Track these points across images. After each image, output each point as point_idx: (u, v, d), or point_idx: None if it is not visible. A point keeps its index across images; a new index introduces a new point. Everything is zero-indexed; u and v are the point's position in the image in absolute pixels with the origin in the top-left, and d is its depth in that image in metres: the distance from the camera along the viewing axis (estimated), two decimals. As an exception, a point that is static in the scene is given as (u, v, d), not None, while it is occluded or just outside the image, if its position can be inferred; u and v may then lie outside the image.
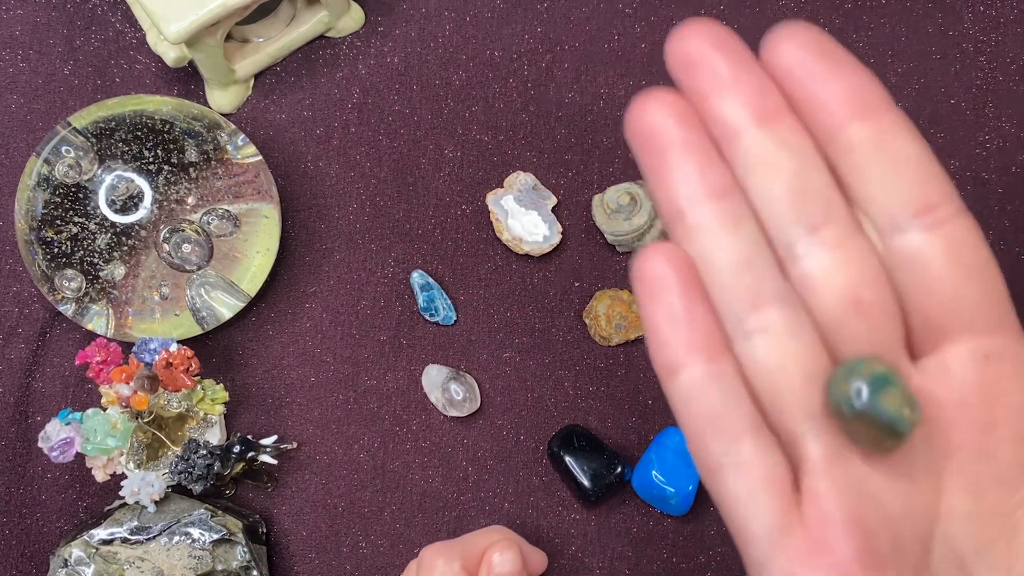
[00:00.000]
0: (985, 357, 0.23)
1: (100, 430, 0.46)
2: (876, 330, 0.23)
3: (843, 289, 0.22)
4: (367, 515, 0.51)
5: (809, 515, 0.22)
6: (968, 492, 0.23)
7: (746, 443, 0.22)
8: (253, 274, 0.50)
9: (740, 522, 0.22)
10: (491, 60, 0.55)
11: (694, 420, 0.22)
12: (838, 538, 0.21)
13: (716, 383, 0.22)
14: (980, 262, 0.23)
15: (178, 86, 0.54)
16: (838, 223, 0.23)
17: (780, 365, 0.22)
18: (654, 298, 0.22)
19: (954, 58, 0.54)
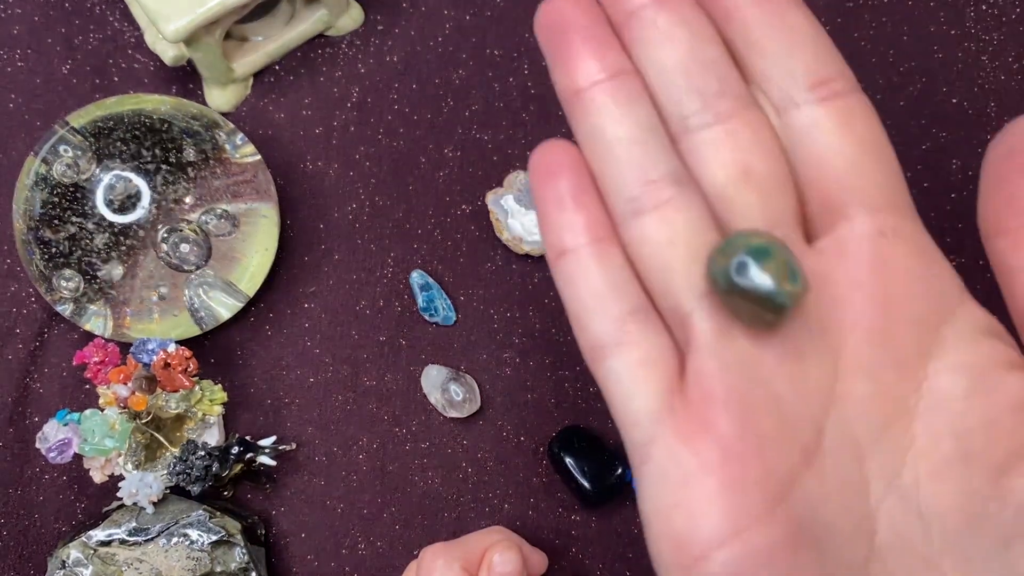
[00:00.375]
0: (880, 234, 0.22)
1: (98, 431, 0.45)
2: (767, 203, 0.22)
3: (733, 158, 0.22)
4: (366, 516, 0.51)
5: (692, 394, 0.21)
6: (864, 374, 0.22)
7: (630, 323, 0.22)
8: (252, 274, 0.50)
9: (623, 404, 0.22)
10: (491, 59, 0.54)
11: (579, 301, 0.22)
12: (720, 416, 0.21)
13: (601, 264, 0.22)
14: (875, 139, 0.23)
15: (176, 85, 0.54)
16: (732, 95, 0.23)
17: (669, 241, 0.22)
18: (544, 185, 0.23)
19: (956, 57, 0.54)
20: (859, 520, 0.21)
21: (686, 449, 0.21)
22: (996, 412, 0.21)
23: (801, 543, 0.20)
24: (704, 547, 0.20)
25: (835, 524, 0.21)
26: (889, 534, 0.21)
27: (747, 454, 0.20)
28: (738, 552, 0.20)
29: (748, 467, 0.20)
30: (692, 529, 0.20)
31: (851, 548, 0.20)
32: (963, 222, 0.53)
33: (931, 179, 0.53)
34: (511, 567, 0.43)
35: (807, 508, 0.20)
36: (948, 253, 0.52)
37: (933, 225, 0.52)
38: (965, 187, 0.53)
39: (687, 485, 0.20)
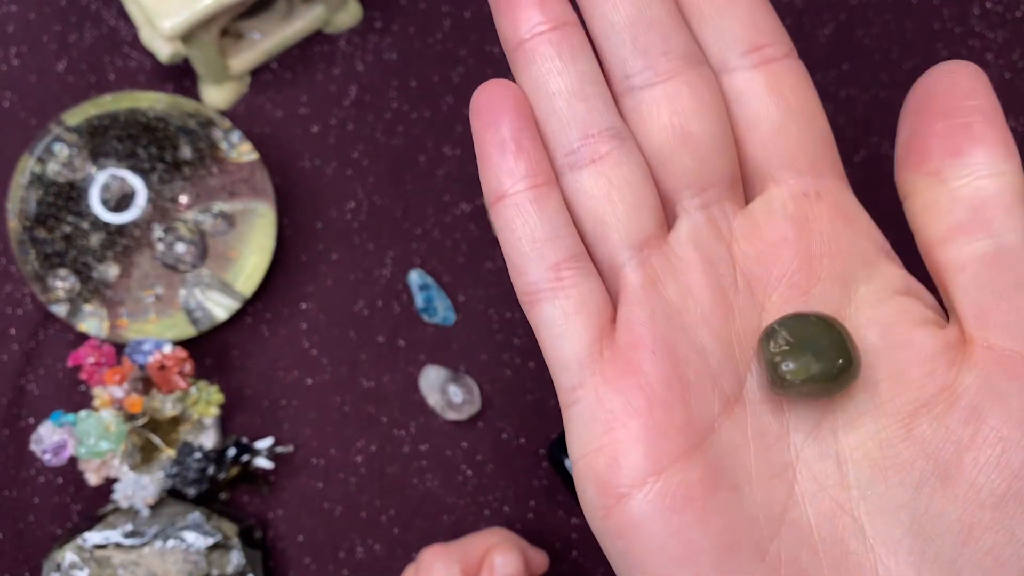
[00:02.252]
0: (803, 195, 0.23)
1: (93, 433, 0.45)
2: (702, 165, 0.23)
3: (671, 120, 0.23)
4: (364, 519, 0.50)
5: (621, 340, 0.22)
6: None
7: (565, 270, 0.22)
8: (248, 274, 0.49)
9: (554, 348, 0.22)
10: (490, 56, 0.54)
11: (515, 246, 0.23)
12: (646, 360, 0.22)
13: (538, 209, 0.22)
14: (804, 104, 0.24)
15: (172, 83, 0.53)
16: (676, 54, 0.23)
17: (606, 194, 0.23)
18: (485, 127, 0.23)
19: (960, 55, 0.54)
20: (778, 468, 0.22)
21: (612, 393, 0.22)
22: (904, 365, 0.22)
23: (719, 485, 0.21)
24: (625, 487, 0.21)
25: (754, 470, 0.22)
26: (808, 482, 0.22)
27: (671, 400, 0.21)
28: (657, 491, 0.21)
29: (671, 412, 0.21)
30: (614, 469, 0.21)
31: (769, 493, 0.21)
32: (967, 221, 0.52)
33: (935, 178, 0.53)
34: (513, 568, 0.43)
35: (726, 454, 0.21)
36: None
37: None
38: (969, 186, 0.52)
39: (611, 428, 0.21)
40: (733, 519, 0.21)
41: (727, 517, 0.21)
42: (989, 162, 0.22)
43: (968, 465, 0.20)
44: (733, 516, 0.21)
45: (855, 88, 0.53)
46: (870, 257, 0.24)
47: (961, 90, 0.22)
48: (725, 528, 0.21)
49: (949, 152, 0.22)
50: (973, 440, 0.21)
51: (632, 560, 0.21)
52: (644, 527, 0.21)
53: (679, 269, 0.23)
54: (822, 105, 0.24)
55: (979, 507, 0.20)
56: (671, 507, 0.20)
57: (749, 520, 0.21)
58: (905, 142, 0.23)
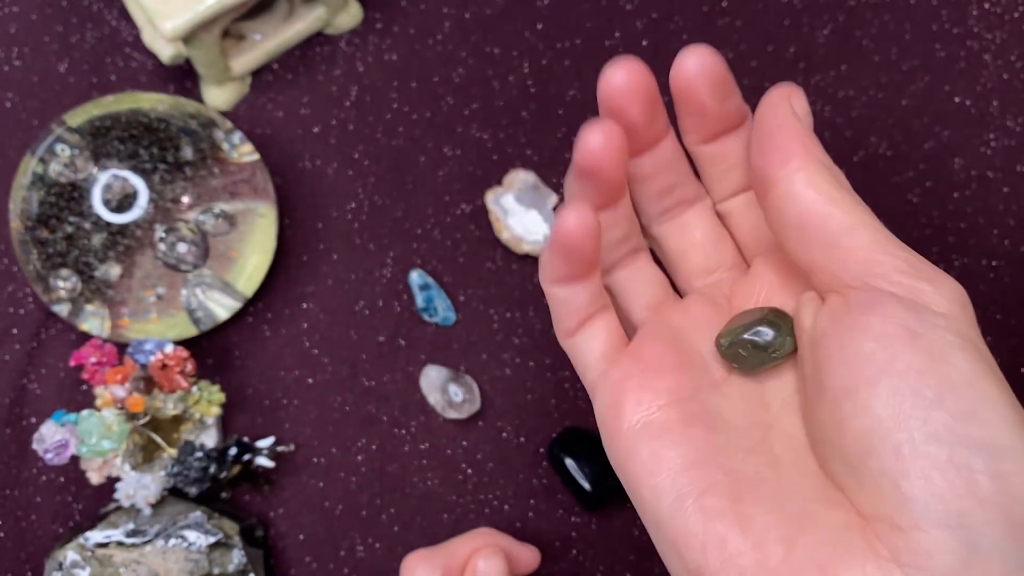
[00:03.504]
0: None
1: (95, 432, 0.45)
2: (708, 257, 0.32)
3: (682, 235, 0.32)
4: (365, 518, 0.50)
5: (632, 344, 0.30)
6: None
7: (594, 317, 0.30)
8: (249, 274, 0.49)
9: (583, 359, 0.30)
10: (491, 57, 0.54)
11: (560, 307, 0.30)
12: (646, 347, 0.29)
13: (585, 288, 0.29)
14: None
15: (174, 84, 0.53)
16: (679, 199, 0.32)
17: (634, 278, 0.32)
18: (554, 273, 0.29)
19: (959, 56, 0.54)
20: (756, 421, 0.28)
21: (619, 371, 0.29)
22: (826, 351, 0.26)
23: (693, 425, 0.27)
24: (623, 424, 0.28)
25: (735, 423, 0.28)
26: (779, 431, 0.28)
27: (661, 369, 0.28)
28: (641, 425, 0.27)
29: (660, 377, 0.28)
30: (617, 414, 0.28)
31: (746, 436, 0.27)
32: (965, 221, 0.52)
33: (933, 177, 0.53)
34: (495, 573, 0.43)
35: (708, 410, 0.28)
36: (950, 252, 0.52)
37: (936, 224, 0.52)
38: (967, 186, 0.52)
39: (617, 390, 0.28)
40: (704, 445, 0.27)
41: (697, 443, 0.27)
42: (791, 161, 0.26)
43: (828, 381, 0.25)
44: (704, 444, 0.27)
45: (854, 89, 0.53)
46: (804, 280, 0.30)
47: (766, 115, 0.27)
48: (694, 449, 0.27)
49: (763, 166, 0.27)
50: (824, 365, 0.26)
51: (628, 474, 0.27)
52: (633, 448, 0.27)
53: (685, 306, 0.31)
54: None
55: (838, 406, 0.25)
56: (651, 434, 0.27)
57: (722, 449, 0.27)
58: (751, 168, 0.29)
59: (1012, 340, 0.51)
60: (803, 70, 0.53)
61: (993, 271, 0.52)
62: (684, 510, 0.25)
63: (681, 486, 0.26)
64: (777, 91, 0.27)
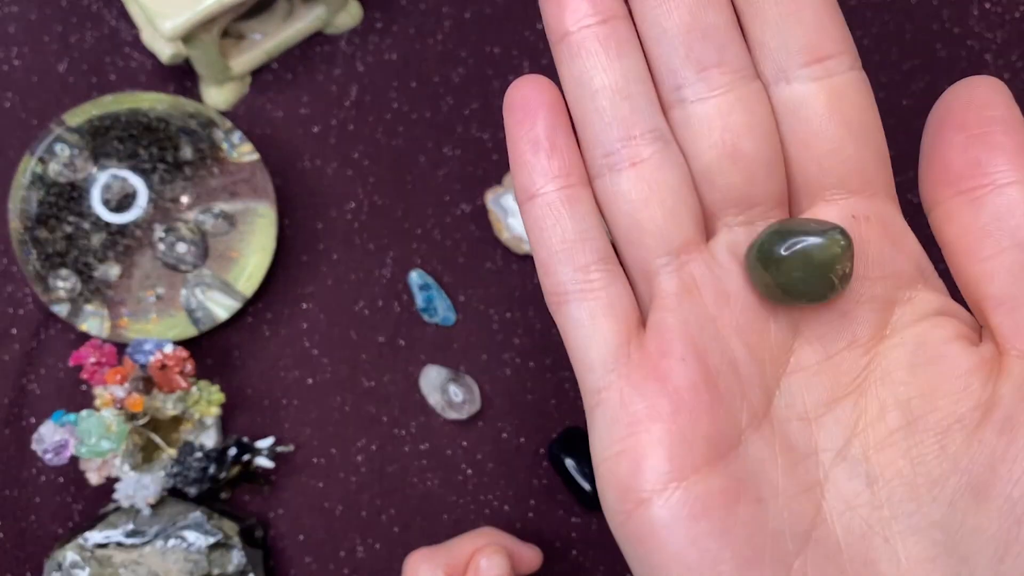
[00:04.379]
0: (853, 216, 0.23)
1: (95, 432, 0.45)
2: (751, 183, 0.22)
3: (723, 135, 0.22)
4: (365, 518, 0.50)
5: (650, 345, 0.22)
6: (820, 348, 0.23)
7: (595, 272, 0.22)
8: (249, 274, 0.49)
9: (581, 349, 0.22)
10: (491, 56, 0.54)
11: (545, 246, 0.22)
12: (676, 368, 0.21)
13: (570, 209, 0.22)
14: (863, 122, 0.23)
15: (173, 83, 0.53)
16: (730, 67, 0.22)
17: (645, 199, 0.22)
18: (519, 124, 0.22)
19: (960, 56, 0.54)
20: (806, 486, 0.21)
21: (638, 396, 0.21)
22: (937, 381, 0.21)
23: (741, 498, 0.20)
24: (646, 491, 0.20)
25: (780, 486, 0.21)
26: (837, 501, 0.21)
27: (698, 408, 0.21)
28: (677, 498, 0.20)
29: (697, 421, 0.21)
30: (635, 474, 0.21)
31: (796, 511, 0.21)
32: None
33: (934, 178, 0.53)
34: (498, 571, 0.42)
35: (752, 467, 0.21)
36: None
37: (936, 225, 0.52)
38: (968, 186, 0.52)
39: (635, 432, 0.21)
40: (756, 533, 0.20)
41: (749, 530, 0.20)
42: (1010, 169, 0.21)
43: (1003, 478, 0.20)
44: (756, 530, 0.20)
45: (854, 88, 0.53)
46: (911, 280, 0.23)
47: (978, 102, 0.22)
48: (747, 541, 0.20)
49: (968, 163, 0.22)
50: (1007, 452, 0.20)
51: (651, 566, 0.21)
52: (663, 534, 0.20)
53: (717, 276, 0.22)
54: (881, 121, 0.24)
55: (1016, 522, 0.19)
56: (691, 515, 0.20)
57: (773, 535, 0.21)
58: (927, 157, 0.23)
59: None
60: (803, 70, 0.53)
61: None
62: None
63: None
64: (991, 78, 0.22)
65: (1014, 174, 0.21)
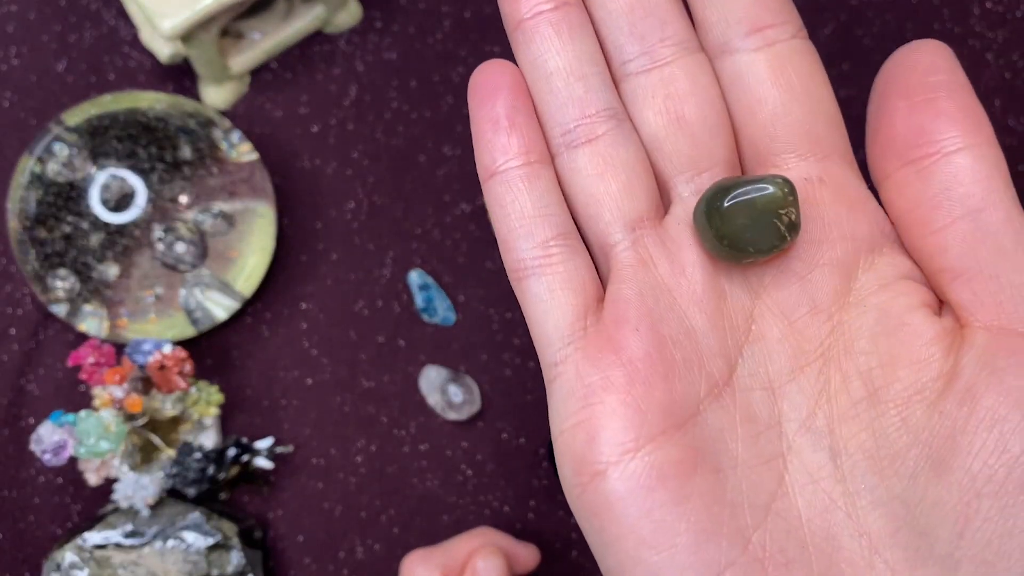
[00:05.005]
0: (806, 179, 0.23)
1: (93, 433, 0.45)
2: (697, 148, 0.23)
3: (665, 103, 0.23)
4: (364, 519, 0.50)
5: (607, 317, 0.22)
6: (780, 315, 0.23)
7: (554, 247, 0.22)
8: (248, 274, 0.49)
9: (539, 323, 0.22)
10: (491, 56, 0.54)
11: (505, 222, 0.23)
12: (630, 338, 0.21)
13: (529, 186, 0.23)
14: (809, 85, 0.23)
15: (172, 83, 0.53)
16: (672, 40, 0.23)
17: (600, 173, 0.23)
18: (480, 104, 0.23)
19: (960, 55, 0.53)
20: (768, 457, 0.21)
21: (593, 368, 0.21)
22: (899, 351, 0.21)
23: (698, 468, 0.20)
24: (601, 463, 0.20)
25: (740, 457, 0.21)
26: (799, 473, 0.21)
27: (652, 378, 0.21)
28: (632, 469, 0.20)
29: (652, 390, 0.21)
30: (591, 445, 0.21)
31: (756, 482, 0.21)
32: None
33: (935, 178, 0.52)
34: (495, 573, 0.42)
35: (710, 437, 0.21)
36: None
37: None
38: (969, 186, 0.52)
39: (590, 403, 0.21)
40: (713, 504, 0.20)
41: (706, 501, 0.20)
42: (958, 135, 0.21)
43: (963, 450, 0.19)
44: (713, 501, 0.20)
45: (855, 88, 0.53)
46: (873, 244, 0.23)
47: (922, 67, 0.22)
48: (704, 512, 0.20)
49: (914, 131, 0.21)
50: (967, 423, 0.20)
51: (606, 539, 0.20)
52: (619, 506, 0.20)
53: (672, 249, 0.23)
54: (831, 86, 0.24)
55: (976, 495, 0.19)
56: (646, 486, 0.20)
57: (732, 507, 0.20)
58: (872, 128, 0.23)
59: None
60: (804, 69, 0.53)
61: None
62: None
63: (690, 573, 0.20)
64: (934, 42, 0.22)
65: (962, 140, 0.21)
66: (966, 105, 0.21)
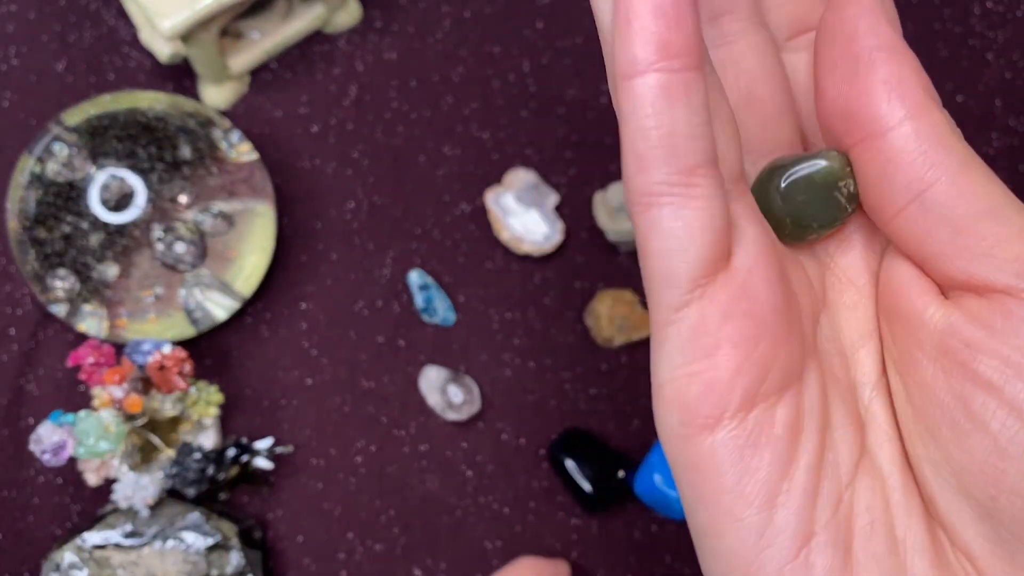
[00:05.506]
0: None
1: (93, 433, 0.45)
2: (766, 127, 0.23)
3: (738, 83, 0.23)
4: (363, 519, 0.50)
5: (740, 264, 0.20)
6: (848, 283, 0.23)
7: (699, 176, 0.19)
8: (248, 274, 0.49)
9: (664, 261, 0.20)
10: (490, 56, 0.54)
11: (645, 136, 0.19)
12: (762, 288, 0.20)
13: (688, 98, 0.19)
14: None
15: (172, 82, 0.53)
16: (740, 17, 0.23)
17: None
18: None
19: (961, 55, 0.53)
20: (853, 418, 0.21)
21: (721, 317, 0.20)
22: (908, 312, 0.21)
23: (805, 429, 0.20)
24: (712, 418, 0.20)
25: (834, 419, 0.21)
26: (878, 434, 0.22)
27: (779, 335, 0.20)
28: (746, 427, 0.20)
29: (776, 348, 0.20)
30: (706, 397, 0.20)
31: (848, 442, 0.21)
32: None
33: (936, 178, 0.52)
34: None
35: (811, 398, 0.21)
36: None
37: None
38: (970, 186, 0.52)
39: (712, 354, 0.20)
40: (815, 465, 0.20)
41: (810, 462, 0.20)
42: (900, 105, 0.20)
43: (970, 412, 0.20)
44: (816, 462, 0.20)
45: (855, 88, 0.53)
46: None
47: (854, 32, 0.21)
48: (807, 474, 0.20)
49: (855, 107, 0.20)
50: (963, 388, 0.20)
51: (703, 494, 0.20)
52: (725, 462, 0.20)
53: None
54: None
55: (1001, 456, 0.19)
56: (756, 444, 0.19)
57: (831, 467, 0.20)
58: (817, 108, 0.22)
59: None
60: (804, 69, 0.53)
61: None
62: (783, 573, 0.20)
63: (786, 534, 0.20)
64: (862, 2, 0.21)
65: (903, 109, 0.20)
66: (906, 68, 0.20)
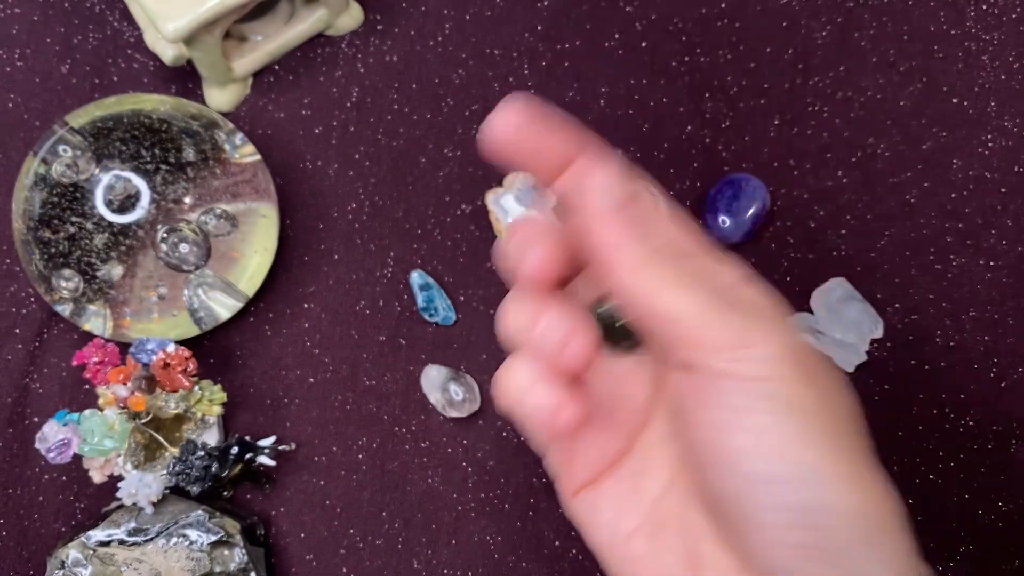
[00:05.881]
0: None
1: (97, 431, 0.45)
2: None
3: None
4: (366, 516, 0.50)
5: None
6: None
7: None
8: (251, 274, 0.50)
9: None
10: (491, 58, 0.54)
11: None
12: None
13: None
14: None
15: (176, 85, 0.54)
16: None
17: None
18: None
19: (956, 57, 0.54)
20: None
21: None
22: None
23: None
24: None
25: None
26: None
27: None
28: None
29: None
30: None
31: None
32: (963, 221, 0.52)
33: (931, 179, 0.53)
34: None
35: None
36: (948, 253, 0.52)
37: (934, 225, 0.52)
38: (965, 186, 0.53)
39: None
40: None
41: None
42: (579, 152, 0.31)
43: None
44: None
45: (852, 90, 0.54)
46: None
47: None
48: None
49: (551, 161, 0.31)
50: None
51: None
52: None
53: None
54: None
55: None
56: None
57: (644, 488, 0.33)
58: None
59: (1009, 340, 0.51)
60: (801, 71, 0.54)
61: (990, 271, 0.52)
62: None
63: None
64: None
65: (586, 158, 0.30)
66: (564, 136, 0.31)
